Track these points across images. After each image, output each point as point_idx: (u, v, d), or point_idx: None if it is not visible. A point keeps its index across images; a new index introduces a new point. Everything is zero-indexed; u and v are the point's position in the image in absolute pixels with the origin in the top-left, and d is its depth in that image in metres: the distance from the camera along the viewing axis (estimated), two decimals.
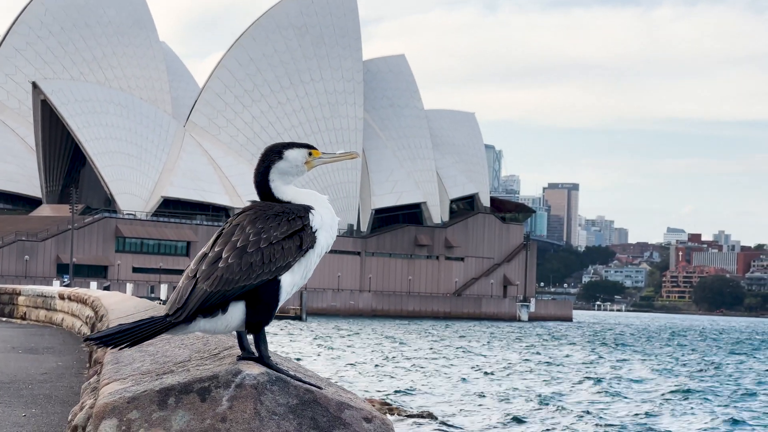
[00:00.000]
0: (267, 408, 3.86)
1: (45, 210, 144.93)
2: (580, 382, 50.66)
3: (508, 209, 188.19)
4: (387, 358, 62.17)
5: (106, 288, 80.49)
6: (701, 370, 63.53)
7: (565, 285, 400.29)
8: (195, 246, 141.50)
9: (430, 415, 34.21)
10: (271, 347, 4.24)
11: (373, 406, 5.93)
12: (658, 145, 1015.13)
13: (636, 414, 38.47)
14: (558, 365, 62.93)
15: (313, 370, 4.67)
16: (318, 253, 4.21)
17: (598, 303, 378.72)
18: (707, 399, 44.94)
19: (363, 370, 52.42)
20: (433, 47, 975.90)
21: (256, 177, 4.32)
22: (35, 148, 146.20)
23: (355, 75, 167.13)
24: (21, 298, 31.99)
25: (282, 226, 4.14)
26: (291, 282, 4.13)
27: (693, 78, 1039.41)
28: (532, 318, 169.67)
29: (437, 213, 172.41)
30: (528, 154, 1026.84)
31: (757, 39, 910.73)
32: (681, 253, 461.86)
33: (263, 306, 4.09)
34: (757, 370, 66.53)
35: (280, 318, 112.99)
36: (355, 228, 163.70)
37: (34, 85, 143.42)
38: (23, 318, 30.91)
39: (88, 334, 17.06)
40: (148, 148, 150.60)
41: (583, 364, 65.50)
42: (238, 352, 4.28)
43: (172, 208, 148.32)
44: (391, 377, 49.14)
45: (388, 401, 36.72)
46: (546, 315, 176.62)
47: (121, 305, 14.40)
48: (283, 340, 75.30)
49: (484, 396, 42.17)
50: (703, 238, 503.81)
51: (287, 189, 4.32)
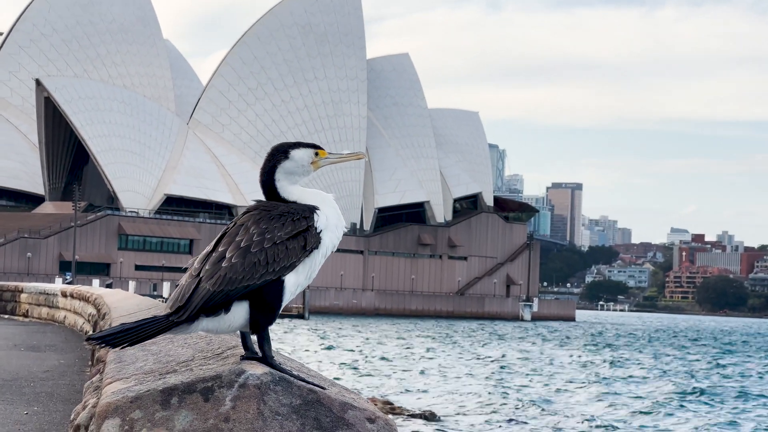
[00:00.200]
0: (270, 408, 3.84)
1: (48, 207, 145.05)
2: (580, 382, 50.65)
3: (512, 209, 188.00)
4: (388, 357, 62.19)
5: (109, 285, 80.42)
6: (701, 370, 63.53)
7: (568, 285, 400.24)
8: (198, 244, 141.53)
9: (432, 415, 34.28)
10: (273, 346, 4.23)
11: (376, 406, 5.93)
12: (661, 145, 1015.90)
13: (635, 414, 38.47)
14: (558, 365, 62.93)
15: (315, 370, 4.66)
16: (323, 254, 4.20)
17: (601, 303, 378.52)
18: (706, 403, 44.88)
19: (364, 369, 52.46)
20: (436, 46, 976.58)
21: (262, 176, 4.31)
22: (38, 145, 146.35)
23: (358, 73, 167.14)
24: (23, 296, 31.98)
25: (286, 227, 4.13)
26: (295, 282, 4.12)
27: (696, 78, 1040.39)
28: (535, 318, 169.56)
29: (440, 212, 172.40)
30: (531, 153, 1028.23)
31: (760, 40, 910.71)
32: (684, 253, 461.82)
33: (267, 306, 4.08)
34: (757, 370, 66.50)
35: (283, 316, 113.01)
36: (358, 227, 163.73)
37: (38, 83, 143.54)
38: (26, 315, 30.91)
39: (90, 332, 17.05)
40: (152, 145, 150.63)
41: (583, 364, 65.48)
42: (241, 351, 4.27)
43: (175, 205, 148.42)
44: (392, 377, 49.15)
45: (391, 401, 36.75)
46: (549, 315, 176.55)
47: (124, 303, 14.40)
48: (285, 338, 75.37)
49: (485, 395, 42.18)
50: (706, 239, 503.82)
51: (293, 189, 4.31)
